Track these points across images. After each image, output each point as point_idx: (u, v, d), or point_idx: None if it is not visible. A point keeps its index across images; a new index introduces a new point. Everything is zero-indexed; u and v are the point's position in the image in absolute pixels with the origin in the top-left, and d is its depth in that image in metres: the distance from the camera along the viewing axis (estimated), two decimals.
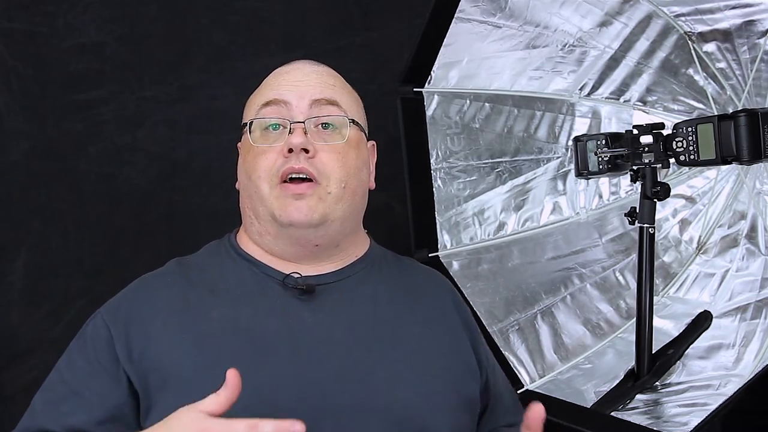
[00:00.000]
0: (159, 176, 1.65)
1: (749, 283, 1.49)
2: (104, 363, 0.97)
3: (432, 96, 1.49)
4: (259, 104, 1.05)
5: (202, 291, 1.02)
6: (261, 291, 1.02)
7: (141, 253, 1.63)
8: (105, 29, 1.63)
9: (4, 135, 1.59)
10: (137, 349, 0.97)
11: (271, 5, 1.69)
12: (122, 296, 1.05)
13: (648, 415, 1.28)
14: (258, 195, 1.02)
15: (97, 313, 1.04)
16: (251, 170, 1.02)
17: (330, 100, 1.05)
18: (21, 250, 1.59)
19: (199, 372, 0.94)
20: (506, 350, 1.40)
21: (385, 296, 1.07)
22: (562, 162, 1.64)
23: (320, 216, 1.01)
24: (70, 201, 1.61)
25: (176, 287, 1.03)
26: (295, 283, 1.01)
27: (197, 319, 0.98)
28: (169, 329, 0.98)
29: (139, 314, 1.00)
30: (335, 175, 1.01)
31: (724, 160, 1.23)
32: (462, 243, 1.51)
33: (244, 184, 1.06)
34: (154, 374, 0.95)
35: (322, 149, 1.02)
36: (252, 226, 1.05)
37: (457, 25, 1.42)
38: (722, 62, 1.52)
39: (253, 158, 1.03)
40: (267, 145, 1.02)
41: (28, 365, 1.57)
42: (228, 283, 1.03)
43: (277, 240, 1.03)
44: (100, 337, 0.99)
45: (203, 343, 0.96)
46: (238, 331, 0.97)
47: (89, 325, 1.02)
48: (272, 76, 1.09)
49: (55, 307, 1.60)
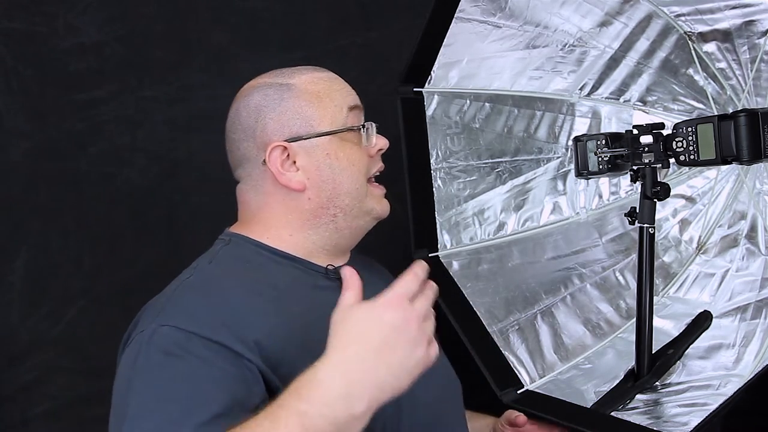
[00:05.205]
0: (159, 176, 1.65)
1: (749, 283, 1.49)
2: (220, 365, 0.92)
3: (432, 96, 1.48)
4: (345, 108, 1.13)
5: (269, 290, 1.05)
6: (313, 284, 1.09)
7: (141, 253, 1.63)
8: (105, 29, 1.63)
9: (4, 135, 1.59)
10: (253, 347, 0.95)
11: (271, 5, 1.69)
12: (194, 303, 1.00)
13: (648, 415, 1.28)
14: (358, 191, 1.13)
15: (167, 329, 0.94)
16: (352, 169, 1.13)
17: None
18: (21, 250, 1.59)
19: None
20: (506, 350, 1.40)
21: (371, 278, 1.14)
22: (562, 162, 1.64)
23: None
24: (70, 201, 1.61)
25: (243, 287, 1.04)
26: (336, 274, 1.10)
27: (284, 317, 1.01)
28: (269, 328, 0.98)
29: (234, 316, 0.98)
30: None
31: (724, 160, 1.23)
32: (462, 243, 1.51)
33: (338, 181, 1.12)
34: (281, 369, 0.95)
35: None
36: (332, 223, 1.12)
37: (457, 25, 1.42)
38: (722, 62, 1.52)
39: (354, 157, 1.13)
40: (363, 146, 1.14)
41: (28, 365, 1.57)
42: (284, 280, 1.08)
43: (353, 234, 1.15)
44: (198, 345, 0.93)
45: (301, 339, 0.98)
46: (317, 323, 0.96)
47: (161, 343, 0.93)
48: (335, 82, 1.16)
49: (55, 307, 1.60)
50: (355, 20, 1.73)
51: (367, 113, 1.15)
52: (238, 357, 0.93)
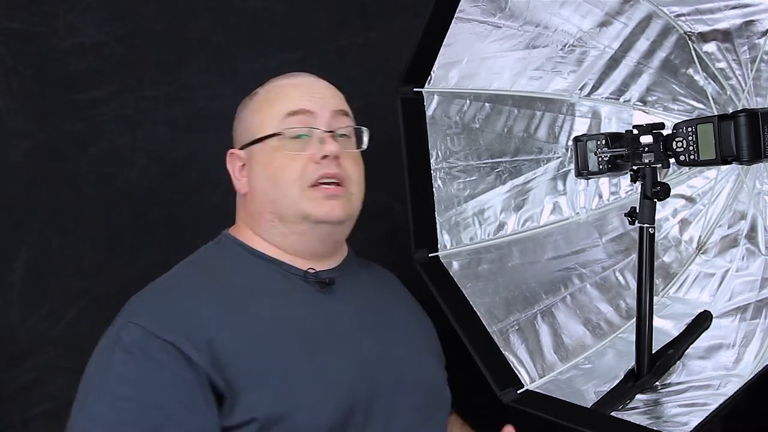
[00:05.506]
0: (159, 176, 1.65)
1: (749, 283, 1.49)
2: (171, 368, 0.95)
3: (432, 96, 1.48)
4: (282, 114, 1.13)
5: (237, 291, 1.06)
6: (288, 287, 1.09)
7: (141, 253, 1.63)
8: (105, 29, 1.63)
9: (4, 135, 1.59)
10: (204, 349, 0.98)
11: (271, 5, 1.69)
12: (160, 302, 1.04)
13: (648, 415, 1.28)
14: (288, 198, 1.10)
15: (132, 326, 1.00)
16: (280, 176, 1.11)
17: (345, 111, 1.18)
18: (21, 250, 1.59)
19: (267, 369, 0.98)
20: (506, 350, 1.40)
21: (375, 286, 1.21)
22: (562, 162, 1.64)
23: (347, 214, 1.13)
24: (70, 201, 1.61)
25: (213, 288, 1.06)
26: (317, 278, 1.11)
27: (246, 318, 1.03)
28: (227, 328, 1.00)
29: (192, 316, 1.00)
30: (355, 178, 1.15)
31: (724, 160, 1.23)
32: (462, 243, 1.51)
33: (266, 190, 1.13)
34: (229, 370, 0.97)
35: (344, 156, 1.13)
36: (273, 228, 1.13)
37: (457, 25, 1.42)
38: (722, 62, 1.52)
39: (282, 164, 1.11)
40: (296, 153, 1.11)
41: (28, 365, 1.57)
42: (257, 282, 1.09)
43: (303, 238, 1.12)
44: (154, 346, 0.97)
45: (261, 340, 1.01)
46: (284, 326, 1.04)
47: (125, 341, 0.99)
48: (284, 87, 1.17)
49: (55, 307, 1.60)
50: (355, 20, 1.73)
51: (367, 113, 1.15)
52: (189, 361, 0.96)
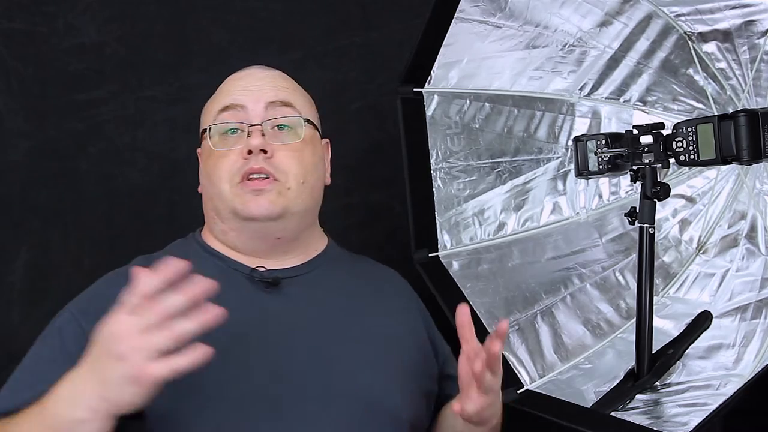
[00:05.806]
0: (159, 176, 1.65)
1: (749, 283, 1.49)
2: (73, 354, 0.96)
3: (432, 96, 1.48)
4: (216, 110, 1.13)
5: None
6: (229, 284, 1.04)
7: (141, 253, 1.62)
8: (105, 29, 1.63)
9: (4, 135, 1.59)
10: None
11: (271, 5, 1.69)
12: (92, 294, 1.09)
13: (648, 415, 1.28)
14: (219, 195, 1.10)
15: (66, 309, 1.08)
16: (212, 173, 1.10)
17: (284, 102, 1.13)
18: (21, 250, 1.59)
19: None
20: (506, 350, 1.40)
21: (347, 288, 1.15)
22: (562, 162, 1.64)
23: (281, 209, 1.08)
24: (70, 201, 1.61)
25: None
26: (261, 276, 1.09)
27: None
28: None
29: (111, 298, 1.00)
30: (293, 171, 1.09)
31: (724, 160, 1.23)
32: (462, 243, 1.51)
33: (206, 187, 1.14)
34: None
35: (279, 149, 1.09)
36: (215, 225, 1.13)
37: (457, 25, 1.42)
38: (722, 62, 1.52)
39: (214, 162, 1.11)
40: (227, 149, 1.10)
41: None
42: (203, 276, 1.06)
43: (240, 235, 1.11)
44: (71, 331, 1.03)
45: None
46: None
47: (57, 321, 1.07)
48: (226, 83, 1.17)
49: (55, 307, 1.58)
50: (355, 20, 1.73)
51: (367, 113, 1.14)
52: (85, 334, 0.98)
